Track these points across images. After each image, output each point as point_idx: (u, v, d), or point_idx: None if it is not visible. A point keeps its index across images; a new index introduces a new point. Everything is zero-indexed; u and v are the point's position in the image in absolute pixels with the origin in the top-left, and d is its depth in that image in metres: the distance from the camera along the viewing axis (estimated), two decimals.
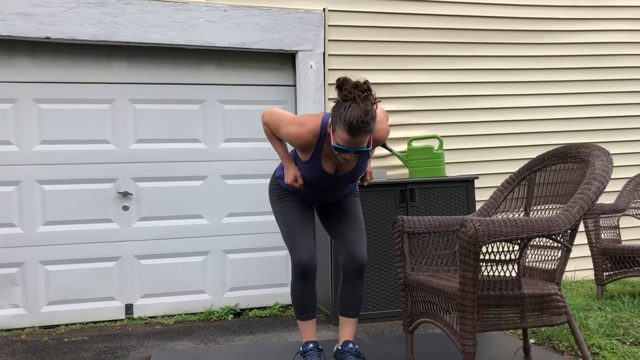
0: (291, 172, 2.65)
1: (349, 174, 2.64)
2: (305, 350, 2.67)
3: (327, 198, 2.78)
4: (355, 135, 2.29)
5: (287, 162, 2.68)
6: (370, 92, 2.33)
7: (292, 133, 2.51)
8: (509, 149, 4.87)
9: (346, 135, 2.30)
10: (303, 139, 2.50)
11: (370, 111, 2.29)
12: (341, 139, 2.33)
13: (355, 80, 2.32)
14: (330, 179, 2.63)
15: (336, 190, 2.73)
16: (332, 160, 2.58)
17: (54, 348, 3.43)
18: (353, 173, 2.64)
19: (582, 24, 5.09)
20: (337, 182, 2.66)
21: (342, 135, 2.32)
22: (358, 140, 2.32)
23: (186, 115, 4.26)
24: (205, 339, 3.54)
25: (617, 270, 4.01)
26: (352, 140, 2.32)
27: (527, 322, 2.35)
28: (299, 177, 2.64)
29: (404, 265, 2.73)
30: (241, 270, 4.32)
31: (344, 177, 2.65)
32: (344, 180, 2.66)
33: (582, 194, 2.35)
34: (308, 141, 2.51)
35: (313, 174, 2.61)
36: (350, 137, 2.30)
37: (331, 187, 2.69)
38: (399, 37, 4.59)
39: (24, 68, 3.97)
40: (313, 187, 2.69)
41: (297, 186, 2.65)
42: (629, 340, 2.99)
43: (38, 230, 3.97)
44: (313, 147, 2.53)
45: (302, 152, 2.59)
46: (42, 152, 3.99)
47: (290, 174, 2.65)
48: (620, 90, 5.19)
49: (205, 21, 4.14)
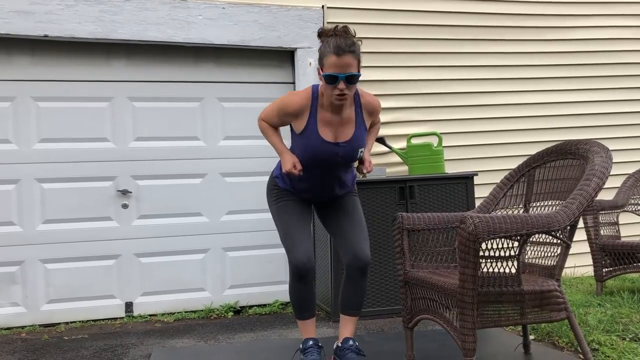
0: (289, 160, 2.60)
1: (349, 145, 2.59)
2: (305, 348, 2.67)
3: (326, 190, 2.72)
4: (341, 55, 2.37)
5: (283, 151, 2.65)
6: (349, 31, 2.45)
7: (286, 99, 2.58)
8: (508, 146, 4.87)
9: (333, 57, 2.38)
10: (297, 103, 2.55)
11: (351, 38, 2.42)
12: (330, 65, 2.40)
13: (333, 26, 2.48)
14: (330, 152, 2.58)
15: (336, 176, 2.68)
16: (329, 127, 2.56)
17: (54, 346, 3.43)
18: (352, 144, 2.59)
19: (581, 20, 5.09)
20: (337, 157, 2.60)
21: (330, 61, 2.40)
22: (345, 61, 2.38)
23: (185, 113, 4.26)
24: (205, 337, 3.54)
25: (616, 267, 4.01)
26: (339, 62, 2.38)
27: (527, 318, 2.35)
28: (296, 162, 2.60)
29: (404, 262, 2.73)
30: (241, 267, 4.33)
31: (344, 150, 2.59)
32: (344, 155, 2.60)
33: (582, 191, 2.35)
34: (302, 104, 2.54)
35: (311, 146, 2.56)
36: (337, 58, 2.38)
37: (331, 166, 2.62)
38: (398, 34, 4.59)
39: (22, 66, 3.97)
40: (312, 176, 2.66)
41: (295, 173, 2.59)
42: (628, 336, 3.00)
43: (37, 229, 3.97)
44: (307, 108, 2.54)
45: (298, 120, 2.57)
46: (41, 150, 3.99)
47: (288, 162, 2.59)
48: (620, 86, 5.19)
49: (203, 19, 4.14)
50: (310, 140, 2.57)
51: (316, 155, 2.59)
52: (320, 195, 2.76)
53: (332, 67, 2.40)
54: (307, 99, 2.55)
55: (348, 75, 2.41)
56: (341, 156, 2.61)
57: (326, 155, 2.59)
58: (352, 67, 2.41)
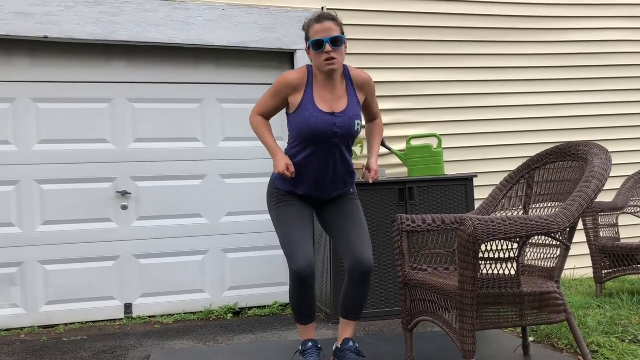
0: (282, 160, 2.60)
1: (345, 115, 2.60)
2: (304, 349, 2.67)
3: (325, 184, 2.69)
4: (323, 21, 2.56)
5: (276, 152, 2.65)
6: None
7: (283, 76, 2.65)
8: (507, 148, 4.87)
9: (316, 25, 2.57)
10: (295, 76, 2.63)
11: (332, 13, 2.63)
12: (314, 34, 2.57)
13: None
14: (327, 122, 2.57)
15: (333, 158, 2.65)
16: (324, 101, 2.60)
17: (53, 348, 3.43)
18: (348, 114, 2.61)
19: (580, 22, 5.10)
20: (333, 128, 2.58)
21: (313, 31, 2.57)
22: (327, 25, 2.55)
23: (185, 114, 4.26)
24: (205, 338, 3.54)
25: (616, 268, 4.01)
26: (322, 27, 2.55)
27: (527, 320, 2.35)
28: (289, 164, 2.60)
29: (403, 263, 2.73)
30: (240, 269, 4.32)
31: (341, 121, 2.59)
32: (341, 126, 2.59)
33: (581, 192, 2.35)
34: (299, 78, 2.63)
35: (309, 118, 2.57)
36: (319, 24, 2.56)
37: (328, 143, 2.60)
38: (397, 35, 4.60)
39: (22, 67, 3.97)
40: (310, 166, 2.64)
41: (287, 175, 2.58)
42: (628, 338, 3.00)
43: (37, 230, 3.97)
44: (304, 85, 2.62)
45: (295, 95, 2.62)
46: (40, 151, 3.99)
47: (281, 162, 2.59)
48: (619, 88, 5.20)
49: (203, 20, 4.14)
50: (307, 112, 2.58)
51: (314, 128, 2.57)
52: (320, 190, 2.71)
53: (316, 33, 2.56)
54: (303, 73, 2.65)
55: (332, 38, 2.54)
56: (339, 127, 2.60)
57: (324, 128, 2.58)
58: (334, 30, 2.57)
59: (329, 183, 2.71)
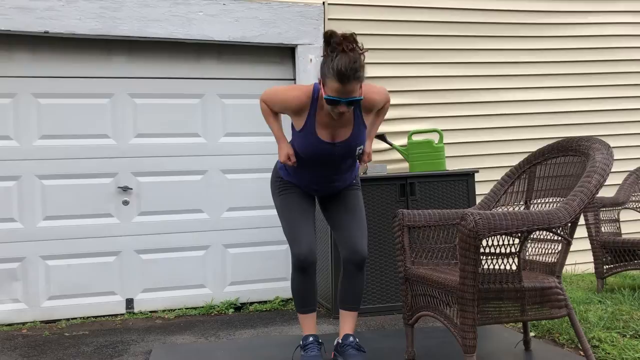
0: (284, 150, 2.63)
1: (346, 145, 2.59)
2: (305, 344, 2.68)
3: (328, 184, 2.73)
4: (344, 83, 2.31)
5: (281, 140, 2.67)
6: (357, 43, 2.35)
7: (288, 94, 2.56)
8: (509, 143, 4.86)
9: (336, 84, 2.32)
10: (297, 99, 2.53)
11: (358, 59, 2.32)
12: (332, 89, 2.35)
13: (342, 33, 2.35)
14: (327, 150, 2.59)
15: (334, 169, 2.68)
16: (327, 129, 2.57)
17: (55, 342, 3.44)
18: (349, 144, 2.59)
19: (582, 16, 5.08)
20: (333, 155, 2.61)
21: (332, 85, 2.34)
22: (348, 88, 2.33)
23: (186, 109, 4.25)
24: (206, 333, 3.55)
25: (617, 264, 4.01)
26: (343, 89, 2.33)
27: (528, 315, 2.35)
28: (291, 155, 2.63)
29: (404, 258, 2.73)
30: (241, 264, 4.33)
31: (341, 149, 2.60)
32: (341, 153, 2.61)
33: (583, 187, 2.35)
34: (302, 101, 2.53)
35: (309, 144, 2.58)
36: (340, 85, 2.31)
37: (328, 162, 2.63)
38: (399, 30, 4.58)
39: (23, 63, 3.97)
40: (311, 168, 2.66)
41: (290, 164, 2.63)
42: (629, 333, 3.00)
43: (38, 225, 3.98)
44: (307, 109, 2.54)
45: (297, 118, 2.58)
46: (41, 147, 3.99)
47: (283, 152, 2.63)
48: (621, 83, 5.19)
49: (204, 15, 4.13)
50: (307, 139, 2.59)
51: (313, 153, 2.61)
52: (322, 187, 2.76)
53: (334, 92, 2.35)
54: (307, 97, 2.53)
55: (350, 100, 2.38)
56: (338, 155, 2.62)
57: (323, 154, 2.61)
58: (354, 92, 2.37)
59: (329, 182, 2.75)
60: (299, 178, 2.73)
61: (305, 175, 2.71)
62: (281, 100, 2.59)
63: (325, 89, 2.38)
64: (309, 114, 2.55)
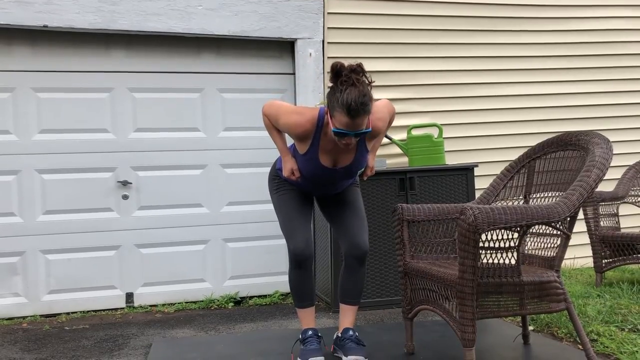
0: (288, 165, 2.66)
1: (347, 168, 2.63)
2: (304, 338, 2.69)
3: (326, 191, 2.78)
4: (354, 117, 2.30)
5: (285, 155, 2.68)
6: (365, 74, 2.34)
7: (291, 121, 2.53)
8: (508, 137, 4.86)
9: (345, 118, 2.31)
10: (302, 127, 2.51)
11: (367, 93, 2.31)
12: (340, 123, 2.33)
13: (349, 65, 2.34)
14: (328, 173, 2.63)
15: (334, 184, 2.73)
16: (329, 155, 2.58)
17: (55, 336, 3.45)
18: (351, 168, 2.63)
19: (582, 10, 5.07)
20: (334, 177, 2.66)
21: (341, 119, 2.32)
22: (357, 122, 2.32)
23: (185, 104, 4.25)
24: (206, 327, 3.56)
25: (616, 258, 4.02)
26: (352, 123, 2.32)
27: (526, 309, 2.36)
28: (295, 170, 2.65)
29: (404, 253, 2.74)
30: (241, 258, 4.33)
31: (342, 172, 2.64)
32: (341, 175, 2.66)
33: (582, 182, 2.35)
34: (306, 129, 2.51)
35: (311, 168, 2.61)
36: (349, 119, 2.31)
37: (329, 181, 2.69)
38: (399, 24, 4.57)
39: (22, 57, 3.96)
40: (312, 181, 2.69)
41: (294, 179, 2.66)
42: (627, 327, 3.01)
43: (38, 220, 3.98)
44: (311, 136, 2.53)
45: (300, 143, 2.59)
46: (41, 141, 3.98)
47: (287, 167, 2.66)
48: (621, 77, 5.18)
49: (204, 9, 4.12)
50: (310, 164, 2.60)
51: (314, 174, 2.64)
52: (321, 193, 2.82)
53: (343, 125, 2.33)
54: (312, 125, 2.51)
55: (358, 133, 2.37)
56: (339, 176, 2.67)
57: (324, 176, 2.65)
58: (363, 125, 2.36)
59: (329, 191, 2.79)
60: (297, 183, 2.76)
61: (304, 183, 2.73)
62: (284, 124, 2.56)
63: (334, 121, 2.36)
64: (313, 142, 2.55)
